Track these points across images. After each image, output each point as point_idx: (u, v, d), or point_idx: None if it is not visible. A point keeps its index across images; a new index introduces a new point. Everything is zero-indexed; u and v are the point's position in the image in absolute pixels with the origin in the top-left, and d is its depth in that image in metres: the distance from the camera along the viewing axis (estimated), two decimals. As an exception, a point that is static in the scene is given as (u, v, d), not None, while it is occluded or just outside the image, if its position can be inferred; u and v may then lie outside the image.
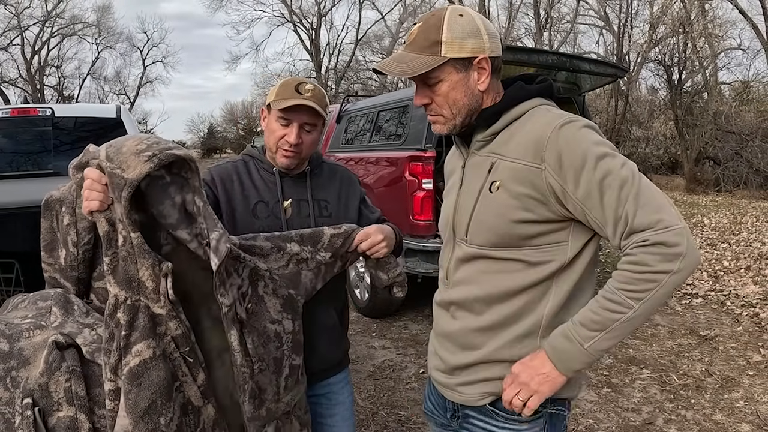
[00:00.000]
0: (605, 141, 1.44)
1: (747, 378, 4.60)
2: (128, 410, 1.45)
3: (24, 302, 1.80)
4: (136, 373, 1.47)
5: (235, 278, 1.68)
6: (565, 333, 1.44)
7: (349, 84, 35.43)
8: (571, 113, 1.50)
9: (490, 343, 1.55)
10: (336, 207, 2.11)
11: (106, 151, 1.47)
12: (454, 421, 1.70)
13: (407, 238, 5.42)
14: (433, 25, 1.50)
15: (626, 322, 1.37)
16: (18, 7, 33.89)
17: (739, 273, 7.67)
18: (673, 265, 1.32)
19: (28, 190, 3.71)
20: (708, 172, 21.31)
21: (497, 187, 1.49)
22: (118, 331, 1.49)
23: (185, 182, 1.54)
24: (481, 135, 1.57)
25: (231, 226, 1.99)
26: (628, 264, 1.37)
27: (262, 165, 2.07)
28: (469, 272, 1.58)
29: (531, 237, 1.47)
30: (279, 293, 1.80)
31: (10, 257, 3.22)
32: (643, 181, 1.37)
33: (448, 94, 1.52)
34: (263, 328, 1.74)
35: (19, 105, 5.88)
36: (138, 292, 1.51)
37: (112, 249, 1.51)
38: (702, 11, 20.64)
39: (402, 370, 4.93)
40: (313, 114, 1.96)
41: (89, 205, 1.49)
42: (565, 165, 1.40)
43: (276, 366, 1.76)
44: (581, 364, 1.43)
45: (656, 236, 1.32)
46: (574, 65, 5.48)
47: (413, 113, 5.79)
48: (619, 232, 1.37)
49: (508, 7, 31.21)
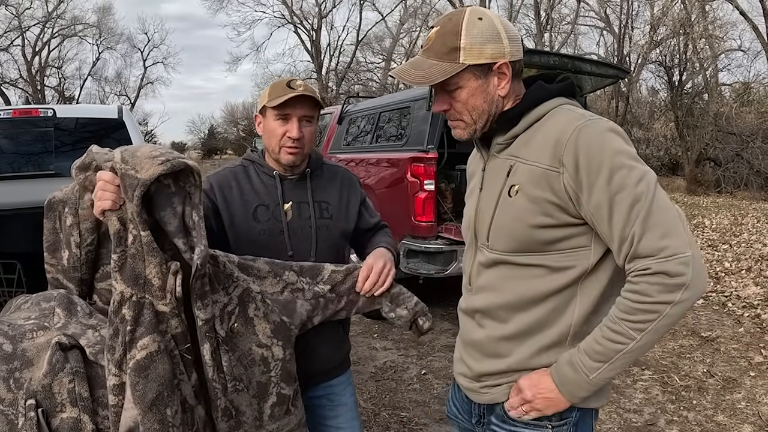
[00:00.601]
0: (625, 148, 1.38)
1: (749, 379, 4.60)
2: (136, 401, 1.46)
3: (27, 303, 1.80)
4: (143, 365, 1.48)
5: (220, 296, 1.69)
6: (571, 362, 1.42)
7: (349, 85, 35.40)
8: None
9: (516, 351, 1.52)
10: (337, 208, 2.11)
11: (122, 154, 1.51)
12: (479, 426, 1.68)
13: (409, 239, 5.42)
14: (451, 30, 1.45)
15: (629, 352, 1.35)
16: (19, 8, 33.94)
17: (740, 274, 7.66)
18: (674, 296, 1.29)
19: (29, 190, 3.70)
20: (708, 173, 21.28)
21: (516, 191, 1.46)
22: (123, 327, 1.50)
23: (187, 196, 1.56)
24: (502, 138, 1.54)
25: (231, 232, 2.00)
26: (630, 293, 1.34)
27: (262, 169, 2.07)
28: (491, 278, 1.55)
29: (552, 242, 1.44)
30: (270, 318, 1.79)
31: (12, 258, 3.22)
32: (657, 200, 1.32)
33: (467, 100, 1.48)
34: (248, 350, 1.73)
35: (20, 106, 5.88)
36: (144, 289, 1.53)
37: (121, 247, 1.52)
38: (702, 12, 20.64)
39: (404, 371, 4.93)
40: (310, 105, 1.98)
41: (102, 204, 1.51)
42: (581, 171, 1.36)
43: (259, 390, 1.74)
44: (586, 392, 1.43)
45: (659, 265, 1.29)
46: (575, 66, 5.47)
47: (415, 114, 5.79)
48: (624, 254, 1.35)
49: (508, 8, 31.25)
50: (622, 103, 22.94)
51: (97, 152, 2.03)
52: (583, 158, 1.35)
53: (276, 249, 1.97)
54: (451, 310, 6.57)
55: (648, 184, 1.33)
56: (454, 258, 5.27)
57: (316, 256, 2.01)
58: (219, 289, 1.69)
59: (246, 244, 1.97)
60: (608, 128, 1.39)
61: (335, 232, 2.08)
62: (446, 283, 6.43)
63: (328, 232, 2.06)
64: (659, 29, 21.75)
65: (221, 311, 1.68)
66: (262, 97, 2.02)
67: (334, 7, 36.47)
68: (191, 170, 1.54)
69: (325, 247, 2.04)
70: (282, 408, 1.80)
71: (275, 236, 2.00)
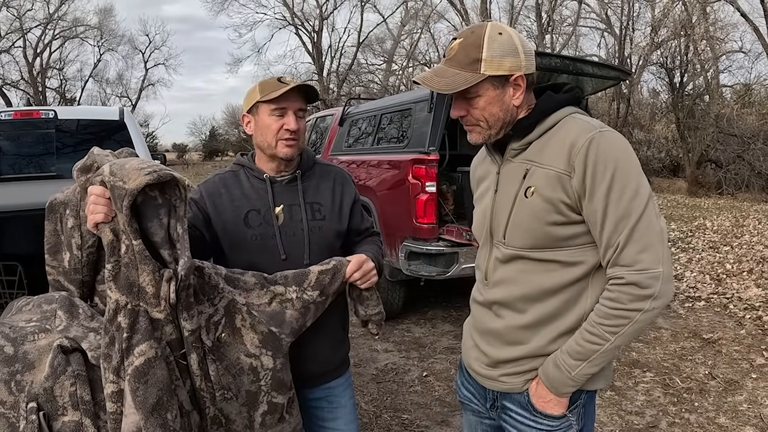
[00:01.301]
0: (629, 163, 1.52)
1: (750, 381, 4.59)
2: (138, 406, 1.48)
3: (29, 305, 1.80)
4: (142, 371, 1.50)
5: (205, 306, 1.72)
6: (555, 362, 1.61)
7: (351, 87, 35.40)
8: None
9: (534, 339, 1.67)
10: (330, 209, 2.10)
11: (110, 168, 1.54)
12: (493, 411, 1.82)
13: (410, 241, 5.41)
14: (473, 42, 1.58)
15: (605, 352, 1.55)
16: (20, 10, 34.00)
17: (742, 276, 7.65)
18: (644, 305, 1.49)
19: (31, 192, 3.70)
20: (710, 174, 21.28)
21: (532, 192, 1.60)
22: (119, 334, 1.52)
23: (173, 208, 1.60)
24: (516, 144, 1.67)
25: (225, 239, 2.00)
26: (606, 300, 1.54)
27: (253, 173, 2.07)
28: (509, 273, 1.69)
29: (565, 239, 1.59)
30: (257, 329, 1.80)
31: (14, 260, 3.22)
32: (644, 218, 1.49)
33: (485, 108, 1.61)
34: (236, 359, 1.75)
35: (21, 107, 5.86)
36: (138, 297, 1.55)
37: (114, 257, 1.55)
38: (703, 14, 20.62)
39: (405, 374, 4.92)
40: (303, 97, 2.00)
41: (95, 218, 1.55)
42: (587, 178, 1.51)
43: (249, 399, 1.76)
44: (571, 387, 1.62)
45: (632, 276, 1.49)
46: (576, 68, 5.46)
47: (416, 116, 5.78)
48: (607, 258, 1.54)
49: (509, 10, 31.25)
50: (623, 105, 22.92)
51: (98, 154, 2.03)
52: (590, 167, 1.50)
53: (269, 253, 1.97)
54: (452, 312, 6.57)
55: (641, 201, 1.50)
56: (455, 260, 5.25)
57: (310, 259, 2.00)
58: (204, 300, 1.72)
59: (239, 250, 1.97)
60: (617, 141, 1.54)
61: (328, 233, 2.07)
62: (447, 285, 6.42)
63: (321, 234, 2.05)
64: (660, 31, 21.74)
65: (207, 321, 1.71)
66: (250, 96, 2.02)
67: (335, 8, 36.51)
68: (177, 182, 1.57)
69: (319, 249, 2.03)
70: (274, 416, 1.81)
71: (268, 240, 1.99)
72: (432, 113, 5.39)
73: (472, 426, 1.96)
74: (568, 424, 1.68)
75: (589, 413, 1.73)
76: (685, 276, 7.87)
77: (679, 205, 16.11)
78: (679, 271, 8.12)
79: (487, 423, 1.89)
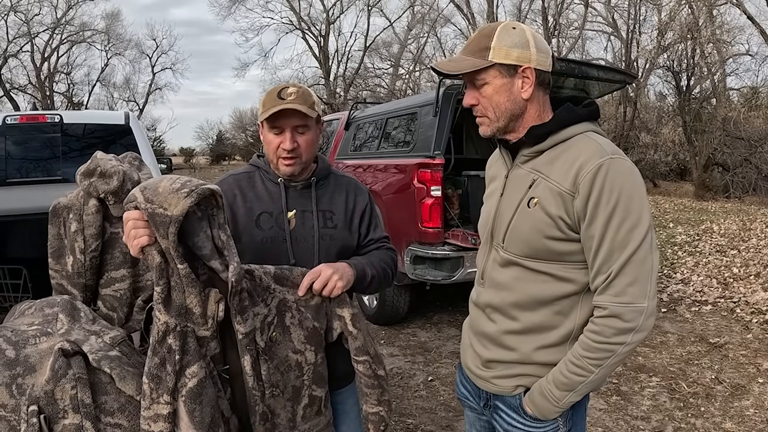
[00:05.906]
0: (634, 193, 1.53)
1: (757, 386, 4.57)
2: (197, 426, 1.53)
3: (31, 309, 1.80)
4: (197, 392, 1.55)
5: (261, 308, 1.74)
6: (541, 391, 1.66)
7: (357, 91, 35.39)
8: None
9: (523, 345, 1.70)
10: (342, 219, 2.09)
11: (143, 194, 1.51)
12: (486, 410, 1.86)
13: (415, 246, 5.40)
14: (487, 33, 1.64)
15: (589, 383, 1.60)
16: (28, 14, 34.16)
17: (749, 280, 7.61)
18: (626, 338, 1.53)
19: (36, 196, 3.72)
20: (717, 178, 21.20)
21: (535, 204, 1.62)
22: (171, 356, 1.54)
23: (212, 218, 1.60)
24: (528, 150, 1.69)
25: (235, 238, 1.99)
26: (591, 333, 1.57)
27: (268, 176, 2.07)
28: (504, 277, 1.72)
29: (561, 254, 1.61)
30: (304, 325, 1.83)
31: (18, 263, 3.23)
32: (638, 253, 1.51)
33: (491, 96, 1.64)
34: (285, 357, 1.78)
35: (28, 112, 5.85)
36: (186, 318, 1.58)
37: (164, 279, 1.55)
38: (710, 17, 20.55)
39: (410, 378, 4.91)
40: (300, 116, 1.93)
41: (139, 242, 1.53)
42: (590, 203, 1.53)
43: (294, 393, 1.81)
44: (557, 413, 1.67)
45: (615, 308, 1.52)
46: (583, 72, 5.45)
47: (422, 120, 5.78)
48: (596, 284, 1.57)
49: (516, 14, 31.23)
50: (629, 108, 22.83)
51: (101, 158, 2.04)
52: (594, 192, 1.52)
53: (278, 257, 1.96)
54: (458, 317, 6.56)
55: (640, 233, 1.52)
56: (461, 264, 5.24)
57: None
58: (259, 302, 1.74)
59: (249, 251, 1.96)
60: (625, 170, 1.55)
61: (339, 243, 2.06)
62: (453, 289, 6.41)
63: (331, 242, 2.04)
64: (667, 34, 21.68)
65: (262, 323, 1.73)
66: (260, 106, 2.00)
67: (342, 13, 36.55)
68: (213, 193, 1.57)
69: (328, 256, 2.01)
70: (313, 409, 1.87)
71: (278, 244, 1.99)
72: (437, 117, 5.39)
73: (471, 421, 2.02)
74: (555, 427, 1.71)
75: (577, 418, 1.77)
76: (692, 280, 7.83)
77: (686, 208, 16.05)
78: (685, 275, 8.09)
79: (484, 419, 1.93)
